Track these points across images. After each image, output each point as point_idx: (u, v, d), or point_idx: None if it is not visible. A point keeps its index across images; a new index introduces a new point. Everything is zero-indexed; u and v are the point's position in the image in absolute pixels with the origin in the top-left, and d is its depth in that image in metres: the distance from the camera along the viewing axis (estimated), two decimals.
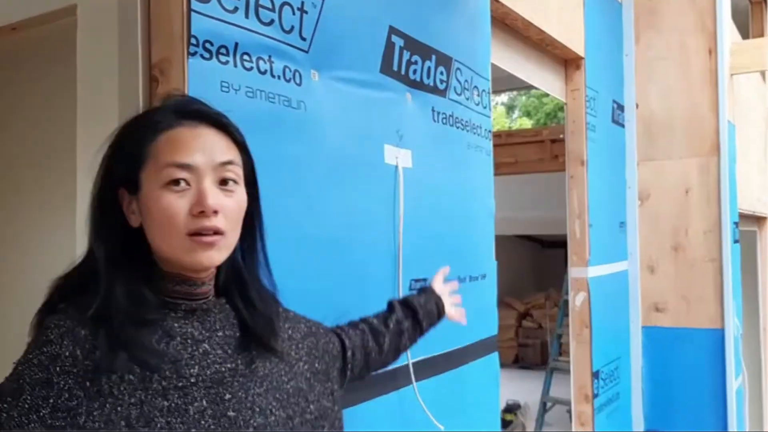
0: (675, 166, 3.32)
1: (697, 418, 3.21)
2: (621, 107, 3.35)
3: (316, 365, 1.04)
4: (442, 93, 1.80)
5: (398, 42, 1.58)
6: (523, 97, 18.93)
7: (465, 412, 1.95)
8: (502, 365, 8.08)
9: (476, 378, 2.00)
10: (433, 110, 1.75)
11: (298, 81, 1.27)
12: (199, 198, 0.82)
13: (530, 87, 4.20)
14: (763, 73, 5.01)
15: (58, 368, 0.76)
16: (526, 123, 17.99)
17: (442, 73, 1.78)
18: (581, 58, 2.86)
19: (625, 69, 3.40)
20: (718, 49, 3.23)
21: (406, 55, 1.62)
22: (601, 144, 3.05)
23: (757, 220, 5.06)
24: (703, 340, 3.20)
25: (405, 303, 1.35)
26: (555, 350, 5.49)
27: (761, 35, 5.47)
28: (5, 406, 0.75)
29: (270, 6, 1.19)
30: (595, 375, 2.87)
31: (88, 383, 0.77)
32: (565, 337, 3.63)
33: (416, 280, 1.64)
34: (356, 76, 1.45)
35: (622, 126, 3.36)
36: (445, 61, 1.79)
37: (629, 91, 3.40)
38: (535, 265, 10.77)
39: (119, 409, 0.77)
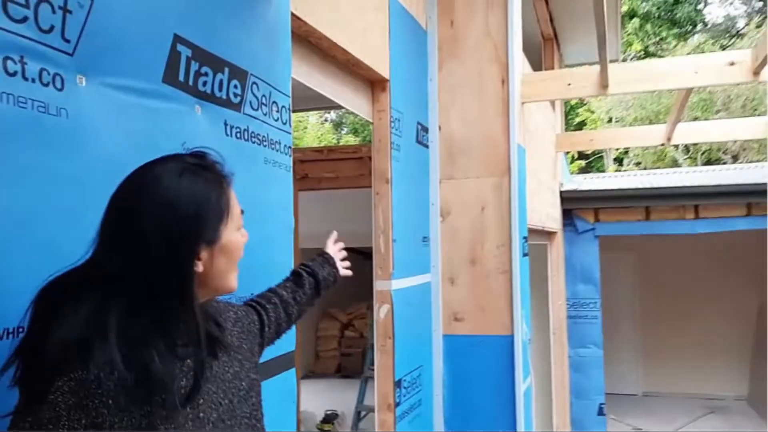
0: (473, 184, 3.58)
1: (491, 417, 3.47)
2: (425, 129, 3.54)
3: (244, 346, 1.20)
4: (237, 107, 1.77)
5: (185, 51, 1.53)
6: (351, 116, 19.42)
7: None
8: (325, 375, 8.16)
9: (272, 396, 1.98)
10: (226, 124, 1.72)
11: (59, 86, 1.18)
12: (246, 235, 1.10)
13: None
14: (552, 103, 5.60)
15: (86, 391, 0.86)
16: (353, 140, 18.44)
17: (236, 86, 1.75)
18: (386, 80, 2.99)
19: (429, 93, 3.61)
20: (509, 79, 3.55)
21: (194, 66, 1.57)
22: (406, 163, 3.20)
23: (548, 234, 5.62)
24: (496, 346, 3.47)
25: (311, 273, 1.57)
26: (369, 359, 5.63)
27: (552, 69, 6.11)
28: None
29: (23, 2, 1.09)
30: (398, 384, 2.99)
31: (110, 401, 0.87)
32: None
33: None
34: (134, 84, 1.37)
35: (426, 146, 3.56)
36: (239, 74, 1.77)
37: (433, 114, 3.61)
38: (358, 277, 10.99)
39: (133, 421, 0.90)
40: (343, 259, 1.79)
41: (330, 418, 6.13)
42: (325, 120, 19.71)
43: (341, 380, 9.22)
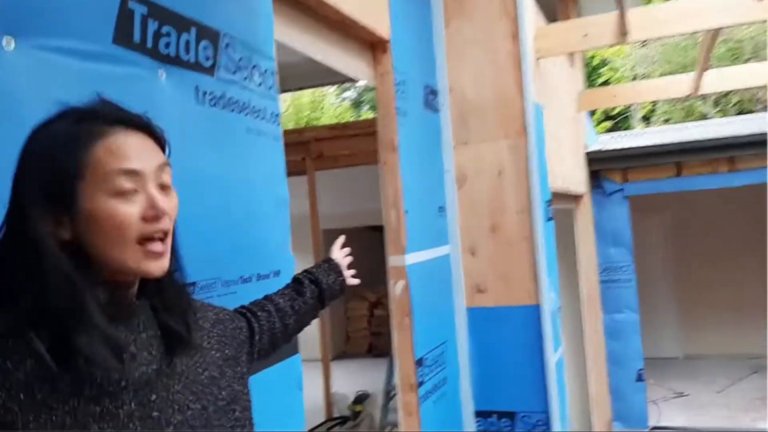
0: (488, 148, 3.37)
1: (521, 392, 3.30)
2: (434, 92, 3.34)
3: (226, 352, 1.07)
4: (209, 71, 1.60)
5: (139, 9, 1.36)
6: (371, 93, 19.16)
7: (263, 423, 1.78)
8: (357, 355, 8.05)
9: (277, 384, 1.84)
10: (197, 90, 1.55)
11: None
12: (152, 203, 0.84)
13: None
14: (571, 58, 5.32)
15: None
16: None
17: (206, 48, 1.58)
18: (387, 41, 2.79)
19: (436, 53, 3.39)
20: (520, 34, 3.32)
21: (152, 26, 1.40)
22: (414, 129, 3.01)
23: (574, 198, 5.39)
24: (522, 317, 3.29)
25: (314, 281, 1.42)
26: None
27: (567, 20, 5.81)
28: None
29: None
30: (419, 362, 2.83)
31: (22, 395, 0.76)
32: None
33: None
34: (77, 46, 1.21)
35: (437, 111, 3.36)
36: (209, 35, 1.59)
37: (441, 75, 3.40)
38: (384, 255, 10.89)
39: (54, 418, 0.77)
40: (350, 266, 1.62)
41: (361, 399, 6.04)
42: (344, 98, 19.49)
43: (373, 360, 9.13)
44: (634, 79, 15.32)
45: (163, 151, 0.92)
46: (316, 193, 6.89)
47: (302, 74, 4.72)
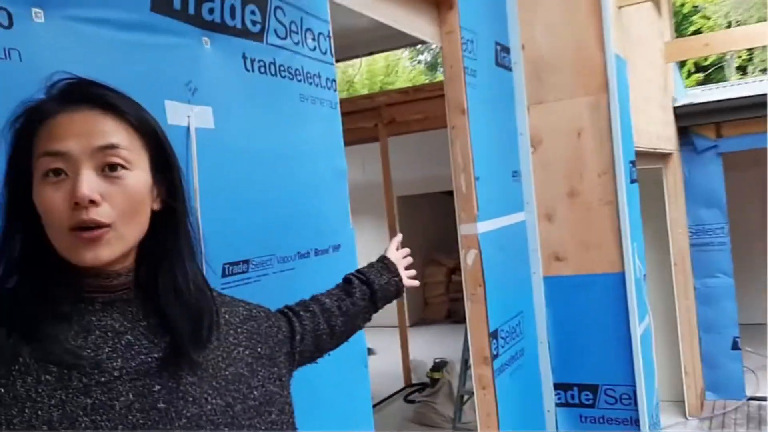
0: (566, 107, 3.15)
1: (605, 364, 3.13)
2: (506, 49, 3.14)
3: (259, 350, 1.00)
4: (258, 37, 1.51)
5: None
6: None
7: (330, 401, 1.73)
8: (435, 322, 8.01)
9: (340, 360, 1.78)
10: (245, 57, 1.47)
11: (5, 23, 0.97)
12: (72, 187, 0.76)
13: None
14: (657, 6, 4.92)
15: None
16: None
17: (253, 12, 1.50)
18: None
19: (507, 7, 3.18)
20: None
21: None
22: (485, 90, 2.84)
23: (662, 156, 5.04)
24: (604, 286, 3.10)
25: (365, 281, 1.33)
26: None
27: None
28: None
29: None
30: (493, 335, 2.71)
31: (2, 389, 0.72)
32: None
33: (233, 263, 1.38)
34: (112, 15, 1.15)
35: (509, 69, 3.16)
36: None
37: (513, 31, 3.19)
38: None
39: (39, 413, 0.73)
40: (409, 267, 1.48)
41: (439, 366, 5.98)
42: (419, 61, 19.17)
43: (451, 326, 9.07)
44: (729, 26, 14.22)
45: (139, 133, 0.84)
46: (389, 159, 6.80)
47: (373, 39, 4.59)
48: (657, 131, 4.40)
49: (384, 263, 1.41)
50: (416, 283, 1.47)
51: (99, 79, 0.85)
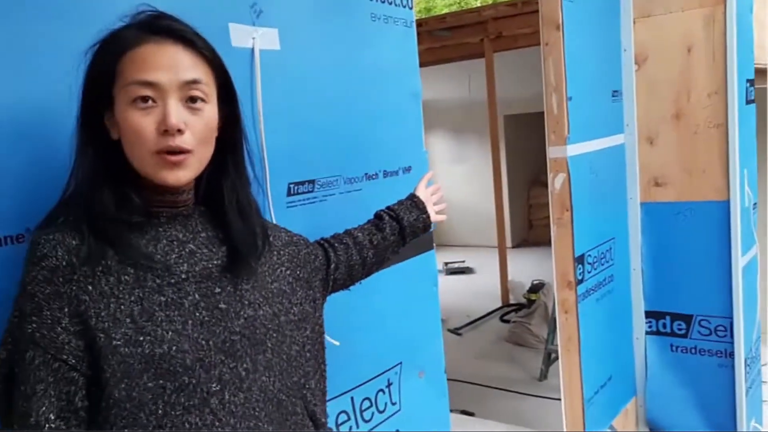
0: (676, 20, 2.90)
1: (700, 295, 3.00)
2: None
3: (298, 272, 1.11)
4: None
5: None
6: None
7: (403, 313, 1.82)
8: (540, 244, 7.90)
9: (410, 278, 1.84)
10: None
11: None
12: (163, 117, 0.85)
13: None
14: None
15: (60, 279, 0.82)
16: None
17: None
18: None
19: None
20: None
21: None
22: (584, 3, 2.66)
23: None
24: (707, 214, 2.92)
25: (395, 217, 1.40)
26: None
27: None
28: (34, 325, 0.81)
29: None
30: (579, 260, 2.67)
31: (90, 287, 0.83)
32: None
33: (298, 183, 1.44)
34: None
35: None
36: None
37: None
38: None
39: (122, 307, 0.84)
40: (438, 203, 1.54)
41: (536, 288, 5.97)
42: None
43: None
44: None
45: (212, 68, 0.93)
46: (495, 76, 6.59)
47: None
48: None
49: (413, 201, 1.47)
50: (443, 217, 1.54)
51: None
